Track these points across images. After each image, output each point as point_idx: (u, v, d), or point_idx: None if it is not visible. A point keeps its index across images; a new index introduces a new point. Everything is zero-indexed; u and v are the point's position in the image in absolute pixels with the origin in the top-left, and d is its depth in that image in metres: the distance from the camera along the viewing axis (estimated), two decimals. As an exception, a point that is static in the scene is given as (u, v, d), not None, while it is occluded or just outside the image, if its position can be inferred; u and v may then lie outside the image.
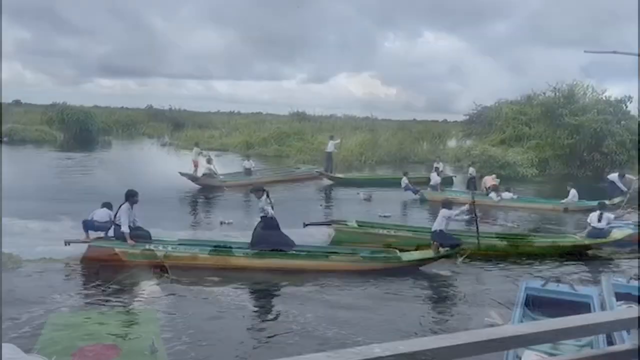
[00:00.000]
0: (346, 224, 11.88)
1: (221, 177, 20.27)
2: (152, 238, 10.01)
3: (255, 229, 10.25)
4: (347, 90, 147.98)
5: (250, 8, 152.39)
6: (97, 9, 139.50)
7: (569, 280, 7.65)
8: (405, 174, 19.93)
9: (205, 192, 18.76)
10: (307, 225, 11.72)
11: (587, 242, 11.62)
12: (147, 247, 9.63)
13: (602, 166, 27.47)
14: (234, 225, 13.05)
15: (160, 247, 9.67)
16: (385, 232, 11.67)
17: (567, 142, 27.08)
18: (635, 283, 7.22)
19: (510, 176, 23.70)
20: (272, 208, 10.17)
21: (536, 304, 6.96)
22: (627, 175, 18.11)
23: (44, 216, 12.44)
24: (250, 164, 21.93)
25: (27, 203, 13.79)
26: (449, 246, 10.26)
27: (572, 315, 1.77)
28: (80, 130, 41.88)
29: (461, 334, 1.32)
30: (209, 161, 20.10)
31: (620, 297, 6.74)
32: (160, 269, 9.17)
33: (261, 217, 10.20)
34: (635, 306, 6.18)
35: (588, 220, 12.11)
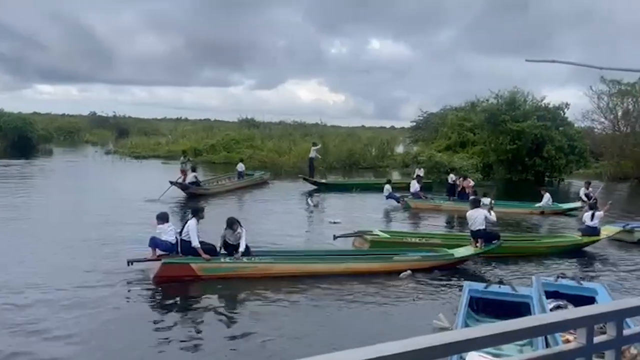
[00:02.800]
0: (377, 234, 12.17)
1: (205, 185, 20.79)
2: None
3: None
4: (295, 96, 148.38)
5: (195, 13, 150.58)
6: (35, 13, 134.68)
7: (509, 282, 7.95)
8: (388, 181, 19.90)
9: (192, 200, 18.34)
10: (337, 237, 12.02)
11: (585, 240, 12.66)
12: (222, 260, 9.52)
13: (542, 170, 28.59)
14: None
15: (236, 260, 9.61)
16: (417, 240, 12.25)
17: (510, 148, 28.04)
18: (562, 281, 7.58)
19: (456, 181, 24.14)
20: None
21: (479, 306, 7.17)
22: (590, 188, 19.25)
23: None
24: (242, 166, 23.38)
25: None
26: (490, 241, 10.96)
27: (513, 315, 1.84)
28: (18, 138, 40.11)
29: (420, 339, 1.34)
30: (194, 169, 20.27)
31: (549, 295, 7.10)
32: None
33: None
34: (570, 306, 6.48)
35: (583, 220, 13.13)
